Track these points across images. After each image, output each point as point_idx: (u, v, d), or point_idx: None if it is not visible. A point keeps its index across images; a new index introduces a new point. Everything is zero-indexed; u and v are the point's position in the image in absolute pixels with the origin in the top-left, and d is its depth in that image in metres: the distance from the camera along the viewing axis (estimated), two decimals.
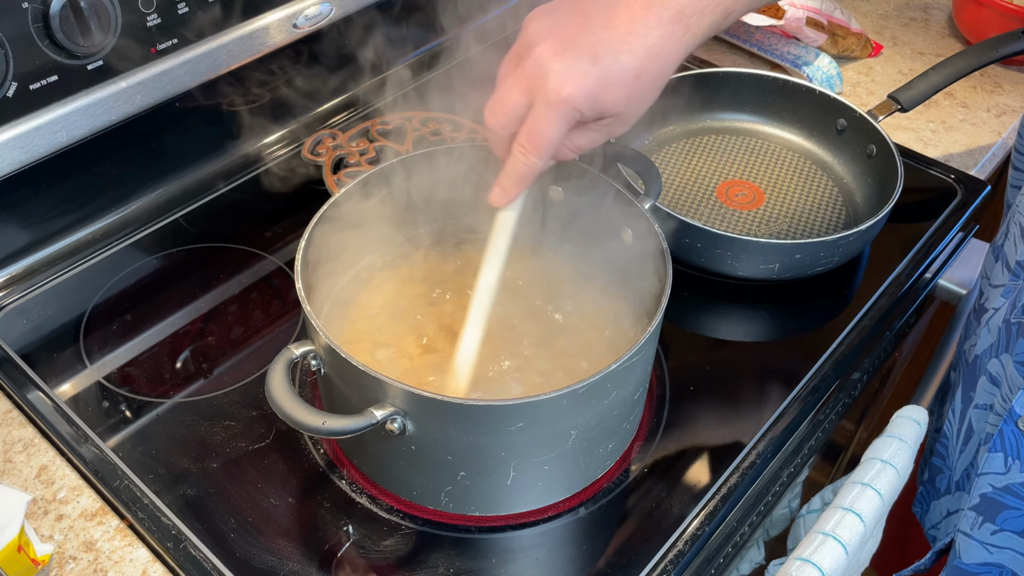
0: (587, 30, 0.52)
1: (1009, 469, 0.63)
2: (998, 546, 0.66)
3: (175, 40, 0.79)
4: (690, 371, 0.74)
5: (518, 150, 0.54)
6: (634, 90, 0.53)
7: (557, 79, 0.51)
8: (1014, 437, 0.62)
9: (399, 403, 0.54)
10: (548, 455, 0.59)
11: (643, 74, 0.52)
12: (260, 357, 0.73)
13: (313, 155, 0.90)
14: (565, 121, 0.52)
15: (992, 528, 0.65)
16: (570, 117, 0.52)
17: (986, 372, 0.66)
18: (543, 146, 0.53)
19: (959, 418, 0.72)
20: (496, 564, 0.61)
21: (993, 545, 0.66)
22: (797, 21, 1.05)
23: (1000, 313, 0.66)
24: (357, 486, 0.65)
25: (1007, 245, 0.69)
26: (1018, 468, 0.62)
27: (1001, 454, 0.63)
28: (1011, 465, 0.63)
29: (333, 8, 0.90)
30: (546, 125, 0.52)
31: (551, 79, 0.51)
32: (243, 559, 0.60)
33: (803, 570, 0.59)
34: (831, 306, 0.81)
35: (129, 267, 0.81)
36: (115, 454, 0.66)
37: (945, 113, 1.04)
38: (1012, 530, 0.64)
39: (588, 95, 0.52)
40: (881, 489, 0.64)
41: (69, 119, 0.74)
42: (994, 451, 0.63)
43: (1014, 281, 0.66)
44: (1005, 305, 0.66)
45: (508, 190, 0.57)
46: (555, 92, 0.51)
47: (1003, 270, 0.68)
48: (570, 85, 0.51)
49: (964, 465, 0.72)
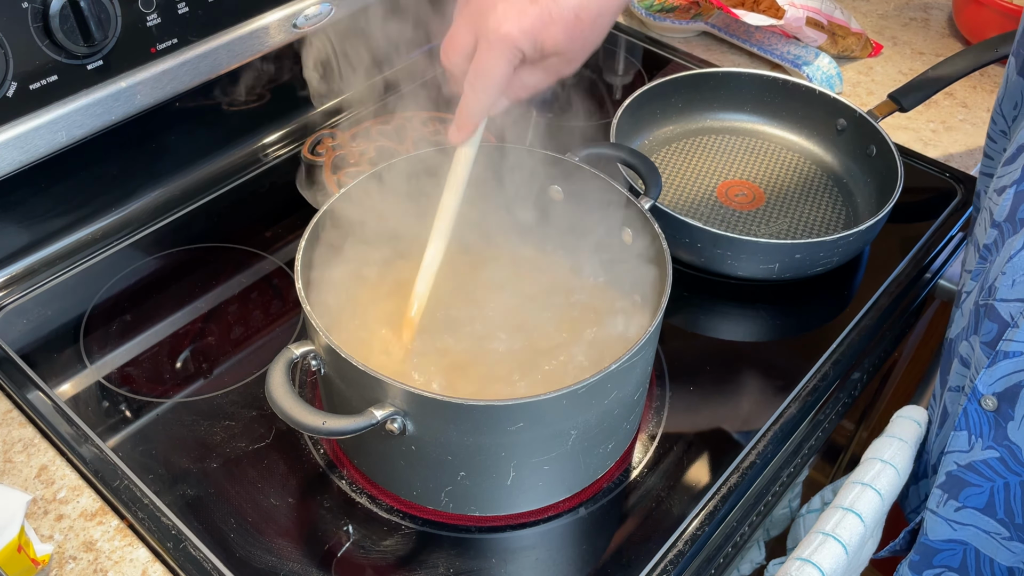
0: None
1: (972, 447, 0.64)
2: (961, 523, 0.67)
3: (175, 40, 0.79)
4: (690, 371, 0.74)
5: (468, 87, 0.56)
6: (574, 30, 0.54)
7: (497, 18, 0.53)
8: (977, 415, 0.63)
9: (399, 403, 0.54)
10: (548, 455, 0.59)
11: (583, 13, 0.54)
12: (260, 357, 0.74)
13: (313, 155, 0.90)
14: (507, 59, 0.54)
15: (956, 505, 0.66)
16: (511, 55, 0.54)
17: (958, 355, 0.67)
18: (489, 84, 0.55)
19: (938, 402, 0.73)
20: (496, 564, 0.61)
21: (957, 522, 0.67)
22: (797, 21, 1.05)
23: (972, 296, 0.67)
24: (357, 486, 0.65)
25: (977, 230, 0.70)
26: (980, 446, 0.63)
27: (965, 432, 0.64)
28: (974, 443, 0.64)
29: (333, 8, 0.90)
30: (490, 63, 0.54)
31: (491, 18, 0.53)
32: (243, 559, 0.60)
33: (803, 570, 0.59)
34: (831, 306, 0.81)
35: (129, 267, 0.81)
36: (115, 454, 0.66)
37: (945, 113, 1.04)
38: (974, 507, 0.65)
39: (527, 34, 0.53)
40: (881, 489, 0.64)
41: (69, 119, 0.74)
42: (959, 430, 0.65)
43: (981, 264, 0.67)
44: (975, 288, 0.67)
45: (463, 126, 0.59)
46: (495, 31, 0.53)
47: (974, 254, 0.69)
48: (509, 23, 0.53)
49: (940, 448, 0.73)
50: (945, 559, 0.69)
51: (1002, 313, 0.61)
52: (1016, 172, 0.62)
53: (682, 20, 1.12)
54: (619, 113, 0.87)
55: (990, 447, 0.63)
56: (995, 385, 0.61)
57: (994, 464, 0.63)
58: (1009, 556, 0.66)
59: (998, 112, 0.73)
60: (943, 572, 0.70)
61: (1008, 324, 0.60)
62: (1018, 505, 0.63)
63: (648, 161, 0.71)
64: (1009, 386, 0.60)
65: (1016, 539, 0.65)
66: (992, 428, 0.63)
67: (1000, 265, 0.62)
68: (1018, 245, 0.59)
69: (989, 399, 0.62)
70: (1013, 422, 0.61)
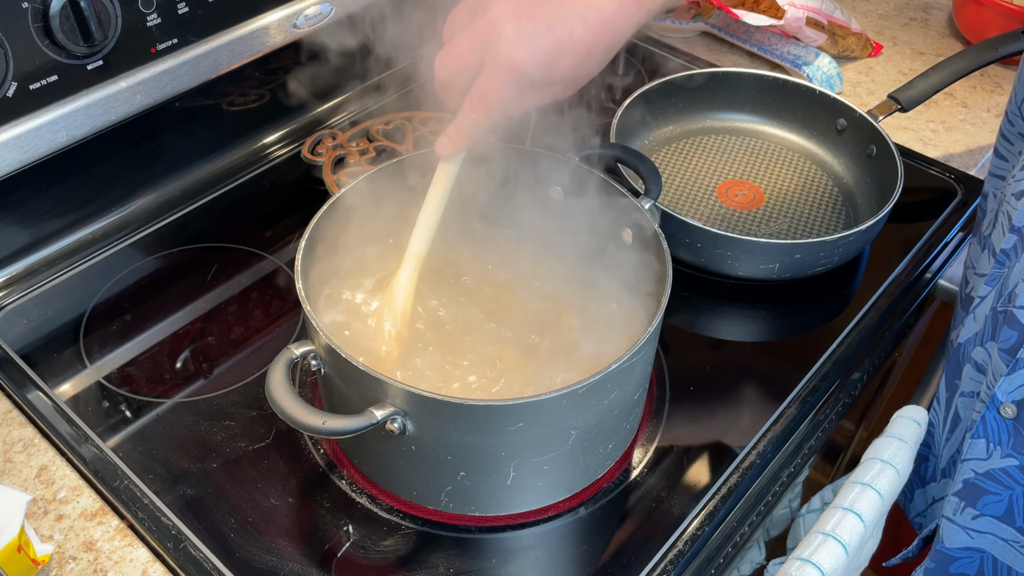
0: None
1: (991, 455, 0.64)
2: (979, 531, 0.66)
3: (175, 40, 0.79)
4: (690, 371, 0.74)
5: (468, 107, 0.55)
6: (584, 61, 0.54)
7: (510, 44, 0.52)
8: (996, 423, 0.63)
9: (399, 403, 0.54)
10: (548, 455, 0.59)
11: (594, 47, 0.53)
12: (260, 357, 0.73)
13: (313, 155, 0.90)
14: (516, 85, 0.54)
15: (973, 513, 0.66)
16: (521, 82, 0.53)
17: (971, 360, 0.67)
18: (493, 106, 0.55)
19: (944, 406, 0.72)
20: (496, 564, 0.61)
21: (974, 530, 0.67)
22: (797, 21, 1.05)
23: (987, 301, 0.67)
24: (357, 486, 0.65)
25: (994, 235, 0.69)
26: (999, 454, 0.63)
27: (983, 440, 0.64)
28: (992, 451, 0.63)
29: (333, 8, 0.90)
30: (497, 88, 0.54)
31: (504, 43, 0.52)
32: (243, 559, 0.60)
33: (803, 570, 0.59)
34: (831, 306, 0.81)
35: (129, 267, 0.81)
36: (115, 454, 0.66)
37: (945, 113, 1.04)
38: (992, 515, 0.65)
39: (539, 63, 0.53)
40: (881, 489, 0.64)
41: (69, 119, 0.74)
42: (976, 437, 0.64)
43: (999, 269, 0.66)
44: (991, 293, 0.66)
45: (456, 142, 0.58)
46: (507, 57, 0.52)
47: (989, 258, 0.69)
48: (523, 52, 0.52)
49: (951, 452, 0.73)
50: (962, 567, 0.69)
51: (1022, 320, 0.60)
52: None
53: (682, 20, 1.12)
54: (619, 113, 0.87)
55: (1009, 455, 0.62)
56: (1015, 393, 0.61)
57: (1013, 472, 0.63)
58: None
59: (1015, 113, 0.71)
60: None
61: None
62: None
63: (648, 161, 0.71)
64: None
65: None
66: (1011, 436, 0.62)
67: (1020, 272, 0.61)
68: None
69: (1008, 407, 0.61)
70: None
